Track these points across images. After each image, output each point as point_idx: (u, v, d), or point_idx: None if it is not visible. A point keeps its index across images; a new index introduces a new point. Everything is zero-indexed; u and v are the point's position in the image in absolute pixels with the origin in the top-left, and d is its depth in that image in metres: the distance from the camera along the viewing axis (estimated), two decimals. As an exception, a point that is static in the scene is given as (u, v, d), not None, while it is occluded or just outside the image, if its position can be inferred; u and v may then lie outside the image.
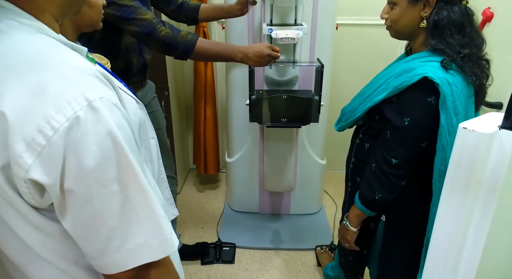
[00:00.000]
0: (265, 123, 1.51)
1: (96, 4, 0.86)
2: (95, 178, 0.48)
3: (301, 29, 1.29)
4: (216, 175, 2.50)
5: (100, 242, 0.52)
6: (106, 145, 0.48)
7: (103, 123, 0.48)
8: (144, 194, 0.53)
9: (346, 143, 2.58)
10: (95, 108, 0.47)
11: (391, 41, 2.40)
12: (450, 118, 0.83)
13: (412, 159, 0.92)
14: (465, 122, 0.53)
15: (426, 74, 0.84)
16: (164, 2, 1.46)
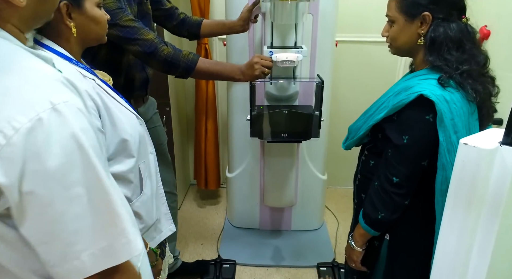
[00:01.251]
0: (266, 138, 1.51)
1: (102, 20, 0.88)
2: (57, 180, 0.48)
3: (301, 52, 1.32)
4: (216, 191, 2.48)
5: (61, 247, 0.50)
6: (70, 147, 0.49)
7: (67, 126, 0.48)
8: (108, 197, 0.53)
9: (347, 158, 2.58)
10: (58, 111, 0.48)
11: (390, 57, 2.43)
12: (449, 136, 0.82)
13: (413, 177, 0.91)
14: (465, 138, 0.54)
15: (422, 92, 0.84)
16: (166, 18, 1.48)
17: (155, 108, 1.57)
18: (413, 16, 0.89)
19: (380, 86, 2.20)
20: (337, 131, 2.25)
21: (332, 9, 1.57)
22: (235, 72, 1.26)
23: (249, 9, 1.41)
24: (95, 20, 0.86)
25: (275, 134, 1.49)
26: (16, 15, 0.53)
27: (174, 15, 1.49)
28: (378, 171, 0.97)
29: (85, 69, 0.87)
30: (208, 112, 2.21)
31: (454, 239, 0.62)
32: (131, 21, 1.15)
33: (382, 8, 2.14)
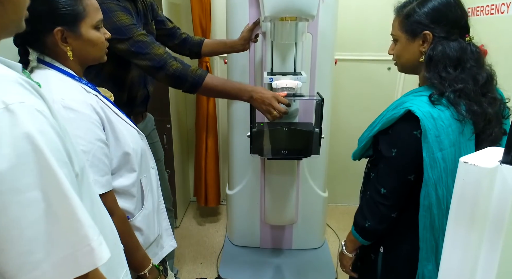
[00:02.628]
0: (266, 155, 1.51)
1: (99, 42, 0.89)
2: (8, 183, 0.45)
3: (300, 79, 1.34)
4: (216, 208, 2.46)
5: (18, 256, 0.47)
6: (23, 148, 0.46)
7: (20, 126, 0.46)
8: (68, 202, 0.50)
9: (347, 175, 2.58)
10: (11, 111, 0.46)
11: (389, 75, 2.47)
12: (432, 153, 0.83)
13: (399, 190, 0.92)
14: (465, 156, 0.53)
15: (410, 107, 0.86)
16: (168, 37, 1.52)
17: (153, 124, 1.58)
18: (415, 34, 0.91)
19: (379, 103, 2.22)
20: (338, 148, 2.26)
21: (331, 28, 1.60)
22: (243, 93, 1.27)
23: (250, 29, 1.44)
24: (91, 43, 0.87)
25: (275, 151, 1.49)
26: None
27: (176, 34, 1.52)
28: (371, 183, 0.99)
29: (88, 85, 0.89)
30: (208, 128, 2.22)
31: (457, 258, 0.61)
32: (144, 36, 1.17)
33: (380, 27, 2.20)
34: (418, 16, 0.89)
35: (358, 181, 1.18)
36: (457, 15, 0.89)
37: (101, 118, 0.85)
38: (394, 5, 0.97)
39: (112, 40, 0.98)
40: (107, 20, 1.06)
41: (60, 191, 0.49)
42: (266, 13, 1.23)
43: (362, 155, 1.10)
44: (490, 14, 1.47)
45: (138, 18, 1.28)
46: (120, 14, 1.13)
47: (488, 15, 1.49)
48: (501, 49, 1.36)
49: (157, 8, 1.45)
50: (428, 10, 0.88)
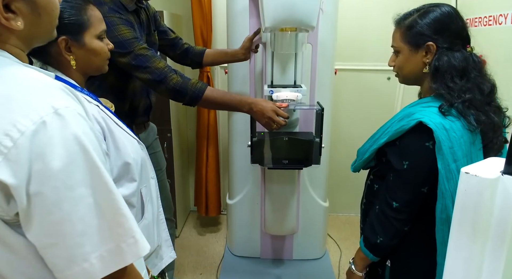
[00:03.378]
0: (267, 165, 1.51)
1: (101, 52, 0.90)
2: (62, 180, 0.49)
3: (300, 91, 1.35)
4: (217, 218, 2.45)
5: (69, 249, 0.50)
6: (73, 148, 0.50)
7: (69, 128, 0.50)
8: (113, 197, 0.54)
9: (348, 185, 2.57)
10: (60, 114, 0.49)
11: (389, 85, 2.48)
12: (447, 164, 0.82)
13: (413, 203, 0.90)
14: (466, 167, 0.53)
15: (421, 119, 0.84)
16: (170, 47, 1.53)
17: (156, 134, 1.58)
18: (418, 46, 0.90)
19: (379, 112, 2.24)
20: (338, 157, 2.26)
21: (330, 38, 1.61)
22: (242, 105, 1.28)
23: (250, 39, 1.46)
24: (94, 52, 0.88)
25: (276, 161, 1.48)
26: (14, 37, 0.55)
27: (178, 44, 1.54)
28: (380, 195, 0.96)
29: (90, 95, 0.90)
30: (209, 138, 2.22)
31: (460, 269, 0.60)
32: (145, 49, 1.18)
33: (379, 37, 2.22)
34: (420, 28, 0.89)
35: (359, 191, 1.17)
36: (458, 26, 0.89)
37: (102, 128, 0.85)
38: (393, 17, 0.98)
39: (113, 53, 0.98)
40: (109, 34, 1.07)
41: (106, 187, 0.53)
42: (266, 24, 1.25)
43: (364, 167, 1.09)
44: (488, 25, 1.48)
45: (141, 29, 1.30)
46: (122, 28, 1.15)
47: (486, 26, 1.50)
48: (499, 59, 1.37)
49: (159, 19, 1.47)
50: (430, 21, 0.88)
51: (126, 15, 1.20)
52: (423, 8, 0.92)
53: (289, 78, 1.47)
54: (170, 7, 2.14)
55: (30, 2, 0.54)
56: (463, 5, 1.80)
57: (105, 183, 0.53)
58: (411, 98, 1.05)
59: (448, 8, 0.90)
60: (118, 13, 1.16)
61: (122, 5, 1.20)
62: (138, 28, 1.26)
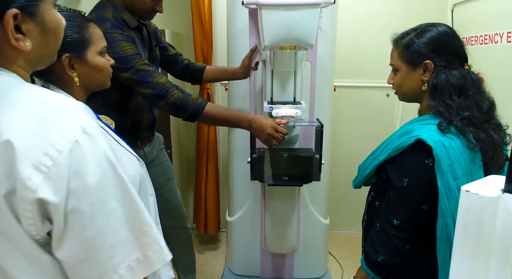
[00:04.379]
0: (267, 181, 1.50)
1: (104, 68, 0.91)
2: (97, 196, 0.51)
3: (300, 108, 1.36)
4: (216, 235, 2.41)
5: (101, 262, 0.52)
6: (104, 164, 0.53)
7: (98, 146, 0.53)
8: (138, 208, 0.56)
9: (349, 201, 2.54)
10: (88, 133, 0.52)
11: (388, 101, 2.50)
12: (447, 182, 0.81)
13: (413, 221, 0.89)
14: (467, 185, 0.53)
15: (420, 136, 0.85)
16: (171, 63, 1.55)
17: (161, 143, 1.59)
18: (415, 64, 0.92)
19: (379, 129, 2.24)
20: (338, 174, 2.24)
21: (329, 56, 1.64)
22: (242, 121, 1.29)
23: (248, 57, 1.48)
24: (97, 68, 0.89)
25: (275, 177, 1.48)
26: (22, 57, 0.57)
27: (178, 60, 1.56)
28: (380, 212, 0.95)
29: None
30: (209, 154, 2.22)
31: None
32: (146, 65, 1.20)
33: (377, 55, 2.25)
34: (417, 46, 0.90)
35: (360, 208, 1.16)
36: (455, 44, 0.90)
37: None
38: (391, 36, 0.99)
39: (115, 69, 0.99)
40: (111, 50, 1.09)
41: (132, 200, 0.56)
42: (266, 42, 1.27)
43: (365, 184, 1.08)
44: (484, 43, 1.51)
45: (143, 45, 1.32)
46: (124, 44, 1.16)
47: (482, 44, 1.53)
48: (497, 77, 1.38)
49: (160, 35, 1.50)
50: (427, 40, 0.90)
51: (128, 31, 1.22)
52: (420, 27, 0.94)
53: (289, 95, 1.48)
54: (172, 26, 2.18)
55: (40, 24, 0.56)
56: (459, 24, 1.83)
57: (131, 195, 0.55)
58: (410, 114, 1.06)
59: (445, 28, 0.91)
60: (120, 29, 1.19)
61: (124, 22, 1.23)
62: (140, 44, 1.28)
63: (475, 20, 1.66)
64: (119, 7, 1.22)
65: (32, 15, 0.54)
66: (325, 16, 1.50)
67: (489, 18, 1.53)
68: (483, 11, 1.60)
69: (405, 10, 2.06)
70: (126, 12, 1.24)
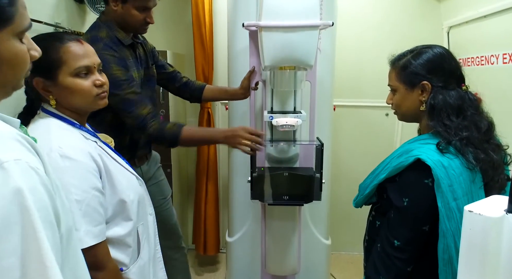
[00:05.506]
0: (267, 201, 1.48)
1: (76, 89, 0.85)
2: None
3: (300, 116, 1.37)
4: (215, 256, 2.36)
5: None
6: (9, 208, 0.43)
7: (10, 184, 0.44)
8: (46, 272, 0.45)
9: (350, 221, 2.51)
10: (5, 168, 0.44)
11: (387, 121, 2.51)
12: (447, 203, 0.81)
13: (415, 242, 0.87)
14: (470, 205, 0.52)
15: (419, 156, 0.84)
16: (168, 81, 1.57)
17: (158, 162, 1.59)
18: (413, 85, 0.93)
19: (379, 148, 2.24)
20: (339, 193, 2.23)
21: (328, 76, 1.66)
22: (217, 136, 1.34)
23: (247, 78, 1.50)
24: (70, 91, 0.84)
25: (276, 197, 1.46)
26: None
27: (176, 78, 1.58)
28: (381, 232, 0.94)
29: (88, 132, 0.90)
30: (209, 173, 2.21)
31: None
32: (133, 93, 1.22)
33: (375, 75, 2.27)
34: (414, 67, 0.92)
35: (361, 228, 1.14)
36: (452, 65, 0.92)
37: (98, 166, 0.84)
38: (388, 58, 1.01)
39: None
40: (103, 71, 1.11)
41: (40, 260, 0.45)
42: (266, 63, 1.29)
43: (365, 203, 1.07)
44: (481, 64, 1.54)
45: (138, 63, 1.34)
46: (114, 67, 1.18)
47: (478, 65, 1.55)
48: (494, 97, 1.40)
49: (157, 54, 1.53)
50: (423, 61, 0.91)
51: (122, 50, 1.24)
52: (416, 49, 0.95)
53: (289, 108, 1.49)
54: (173, 47, 2.22)
55: None
56: (456, 46, 1.87)
57: (41, 254, 0.44)
58: (410, 133, 1.06)
59: (440, 49, 0.93)
60: (112, 49, 1.20)
61: (118, 40, 1.25)
62: (134, 62, 1.31)
63: (471, 42, 1.70)
64: (112, 26, 1.25)
65: None
66: (324, 37, 1.53)
67: (484, 41, 1.56)
68: (478, 34, 1.63)
69: (402, 32, 2.11)
70: (119, 30, 1.26)
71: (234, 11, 1.60)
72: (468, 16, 1.68)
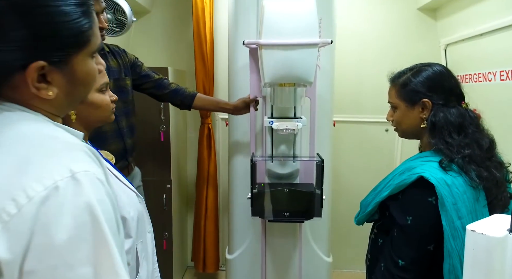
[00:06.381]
0: (267, 217, 1.47)
1: (102, 104, 0.90)
2: (63, 257, 0.42)
3: (300, 121, 1.37)
4: (215, 274, 2.32)
5: None
6: (83, 218, 0.44)
7: (83, 196, 0.45)
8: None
9: (352, 238, 2.48)
10: (77, 179, 0.45)
11: (387, 136, 2.51)
12: (452, 221, 0.80)
13: (419, 261, 0.86)
14: (472, 224, 0.52)
15: (422, 174, 0.84)
16: (156, 89, 1.57)
17: (140, 180, 1.56)
18: (413, 102, 0.93)
19: (379, 163, 2.24)
20: (340, 209, 2.21)
21: (328, 92, 1.67)
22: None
23: (243, 101, 1.53)
24: (95, 106, 0.88)
25: (276, 213, 1.45)
26: (46, 103, 0.54)
27: (163, 85, 1.58)
28: (385, 251, 0.92)
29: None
30: (208, 189, 2.19)
31: None
32: None
33: (375, 91, 2.29)
34: (414, 85, 0.93)
35: (363, 245, 1.13)
36: (451, 83, 0.93)
37: None
38: (387, 75, 1.02)
39: None
40: None
41: (112, 269, 0.46)
42: (266, 80, 1.30)
43: (367, 220, 1.06)
44: (479, 81, 1.55)
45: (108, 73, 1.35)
46: None
47: (476, 82, 1.57)
48: (494, 114, 1.40)
49: (140, 65, 1.55)
50: (423, 79, 0.92)
51: None
52: (416, 67, 0.97)
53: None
54: (174, 64, 2.25)
55: (68, 74, 0.53)
56: (453, 63, 1.90)
57: (112, 262, 0.46)
58: (410, 148, 1.06)
59: (440, 67, 0.94)
60: None
61: None
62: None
63: (468, 59, 1.72)
64: None
65: (61, 67, 0.52)
66: (323, 54, 1.55)
67: (481, 58, 1.59)
68: (475, 51, 1.66)
69: (400, 49, 2.14)
70: None
71: (235, 29, 1.63)
72: (464, 34, 1.70)
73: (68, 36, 0.51)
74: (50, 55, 0.50)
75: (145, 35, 2.24)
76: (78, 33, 0.52)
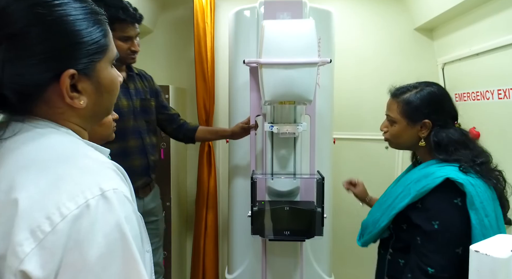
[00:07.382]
0: (268, 236, 1.45)
1: (105, 121, 0.92)
2: (95, 274, 0.43)
3: (300, 125, 1.37)
4: (214, 295, 2.26)
5: None
6: (113, 236, 0.45)
7: (113, 214, 0.46)
8: None
9: (354, 257, 2.43)
10: (107, 197, 0.46)
11: (388, 154, 2.51)
12: (481, 219, 0.80)
13: (449, 267, 0.83)
14: (475, 245, 0.51)
15: (448, 175, 0.85)
16: (168, 122, 1.63)
17: (159, 196, 1.59)
18: (415, 121, 0.96)
19: (380, 181, 2.21)
20: (341, 228, 2.17)
21: (328, 110, 1.69)
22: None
23: (241, 127, 1.56)
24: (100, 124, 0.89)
25: (277, 232, 1.43)
26: (76, 115, 0.56)
27: (175, 120, 1.65)
28: (410, 263, 0.90)
29: None
30: (208, 207, 2.18)
31: None
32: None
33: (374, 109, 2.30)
34: (418, 105, 0.96)
35: (366, 264, 1.11)
36: (450, 105, 0.97)
37: None
38: (389, 88, 1.04)
39: None
40: None
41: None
42: (266, 98, 1.31)
43: (374, 240, 1.04)
44: (477, 100, 1.57)
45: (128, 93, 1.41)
46: None
47: (474, 100, 1.58)
48: (492, 132, 1.41)
49: (162, 96, 1.62)
50: (427, 100, 0.96)
51: None
52: (420, 86, 0.99)
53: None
54: (175, 82, 2.28)
55: (96, 83, 0.56)
56: (451, 81, 1.92)
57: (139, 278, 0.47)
58: (410, 166, 1.06)
59: (442, 90, 0.99)
60: None
61: None
62: (124, 92, 1.37)
63: (466, 78, 1.74)
64: None
65: (88, 74, 0.54)
66: (322, 72, 1.57)
67: (479, 77, 1.61)
68: (472, 70, 1.68)
69: (398, 68, 2.17)
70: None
71: (235, 49, 1.66)
72: (461, 53, 1.73)
73: (90, 43, 0.54)
74: (76, 63, 0.52)
75: (148, 54, 2.27)
76: (98, 40, 0.55)
